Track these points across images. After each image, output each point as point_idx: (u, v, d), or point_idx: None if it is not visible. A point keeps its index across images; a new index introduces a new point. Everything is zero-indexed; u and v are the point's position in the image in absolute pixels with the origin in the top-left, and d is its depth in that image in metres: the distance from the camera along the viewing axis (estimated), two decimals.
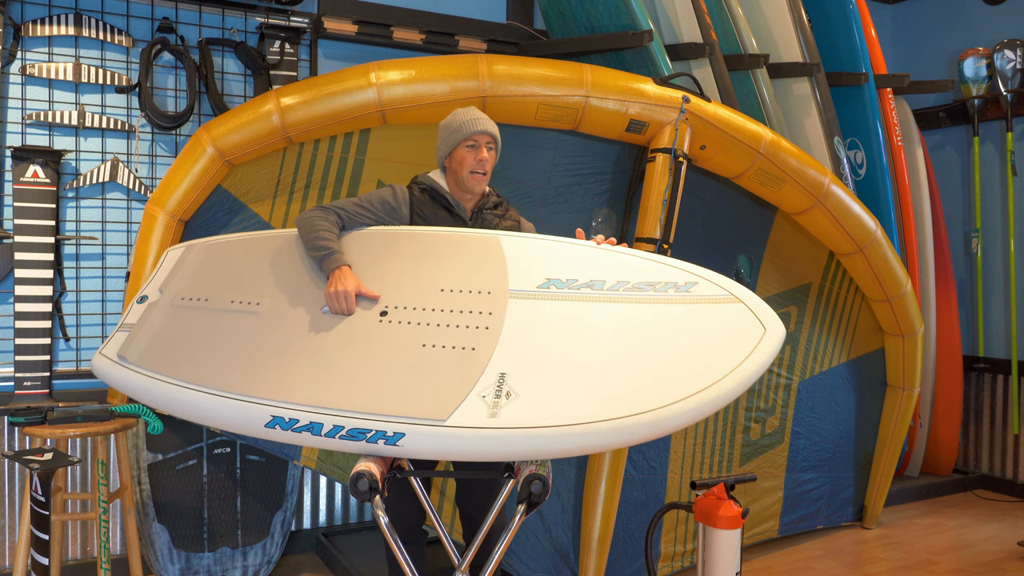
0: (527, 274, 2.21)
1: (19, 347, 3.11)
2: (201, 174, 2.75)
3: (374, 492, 1.94)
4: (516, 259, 2.26)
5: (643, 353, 1.98)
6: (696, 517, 2.60)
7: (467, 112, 2.56)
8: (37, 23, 3.18)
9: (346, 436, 1.89)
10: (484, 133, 2.51)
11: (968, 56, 4.97)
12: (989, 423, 5.06)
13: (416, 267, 2.28)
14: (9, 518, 3.18)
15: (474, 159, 2.50)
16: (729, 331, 2.00)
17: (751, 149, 3.23)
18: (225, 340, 2.15)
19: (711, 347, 1.98)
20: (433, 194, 2.56)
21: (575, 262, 2.25)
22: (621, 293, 2.14)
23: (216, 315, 2.25)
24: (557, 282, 2.19)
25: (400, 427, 1.87)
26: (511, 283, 2.19)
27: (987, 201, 5.06)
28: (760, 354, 1.94)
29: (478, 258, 2.28)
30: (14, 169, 3.09)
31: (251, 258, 2.40)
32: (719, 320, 2.04)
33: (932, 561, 3.78)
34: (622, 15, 3.50)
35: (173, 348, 2.17)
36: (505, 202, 2.70)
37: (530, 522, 3.15)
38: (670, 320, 2.05)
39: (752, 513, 3.78)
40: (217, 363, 2.10)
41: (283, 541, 3.35)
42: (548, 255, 2.28)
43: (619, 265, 2.22)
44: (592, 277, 2.19)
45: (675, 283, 2.14)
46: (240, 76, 3.54)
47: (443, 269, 2.26)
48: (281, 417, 1.93)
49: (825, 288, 3.94)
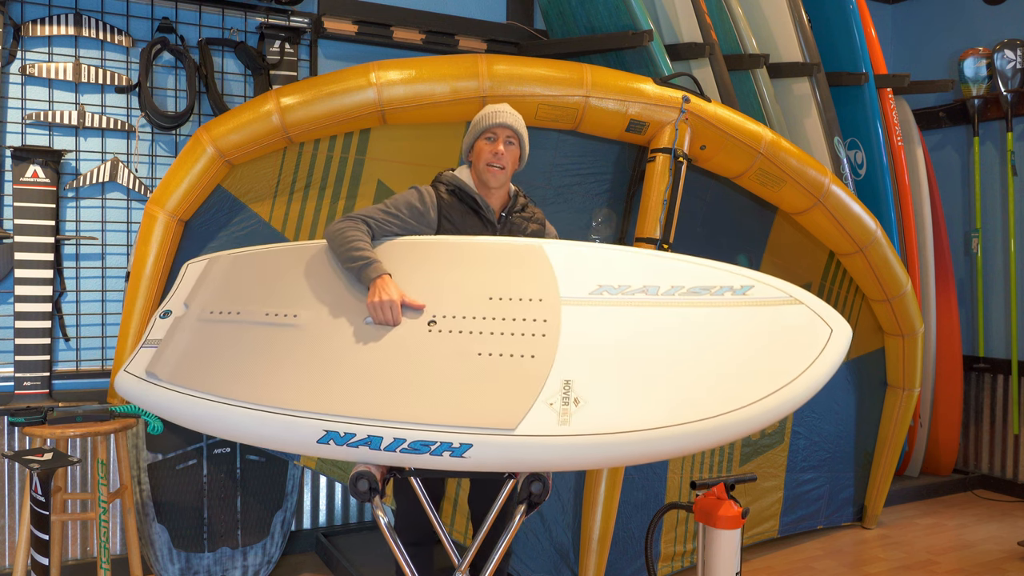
0: (577, 281, 2.16)
1: (19, 347, 3.11)
2: (201, 174, 2.75)
3: (374, 492, 1.94)
4: (563, 266, 2.20)
5: (709, 356, 1.93)
6: (696, 517, 2.59)
7: (493, 106, 2.55)
8: (37, 23, 3.18)
9: (408, 449, 1.80)
10: (502, 126, 2.48)
11: (968, 56, 4.97)
12: (989, 423, 5.06)
13: (459, 276, 2.22)
14: (9, 518, 3.18)
15: (490, 151, 2.47)
16: (795, 332, 1.96)
17: (751, 149, 3.23)
18: (264, 354, 2.07)
19: (778, 348, 1.93)
20: (461, 195, 2.52)
21: (624, 268, 2.19)
22: (677, 298, 2.08)
23: (251, 328, 2.16)
24: (610, 288, 2.14)
25: (467, 437, 1.79)
26: (562, 290, 2.13)
27: (987, 201, 5.06)
28: (830, 354, 1.90)
29: (523, 267, 2.22)
30: (14, 169, 3.09)
31: (281, 270, 2.32)
32: (783, 322, 1.99)
33: (932, 561, 3.78)
34: (622, 15, 3.50)
35: (208, 363, 2.08)
36: (531, 203, 2.67)
37: (530, 522, 3.15)
38: (732, 323, 2.01)
39: (752, 513, 3.78)
40: (259, 378, 2.00)
41: (283, 541, 3.35)
42: (595, 261, 2.23)
43: (670, 270, 2.17)
44: (645, 282, 2.14)
45: (731, 287, 2.09)
46: (240, 76, 3.54)
47: (488, 277, 2.19)
48: (335, 432, 1.84)
49: (825, 288, 3.94)
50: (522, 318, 2.06)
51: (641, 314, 2.06)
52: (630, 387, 1.89)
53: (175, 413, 2.02)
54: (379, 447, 1.82)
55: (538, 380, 1.91)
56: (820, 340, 1.92)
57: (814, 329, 1.95)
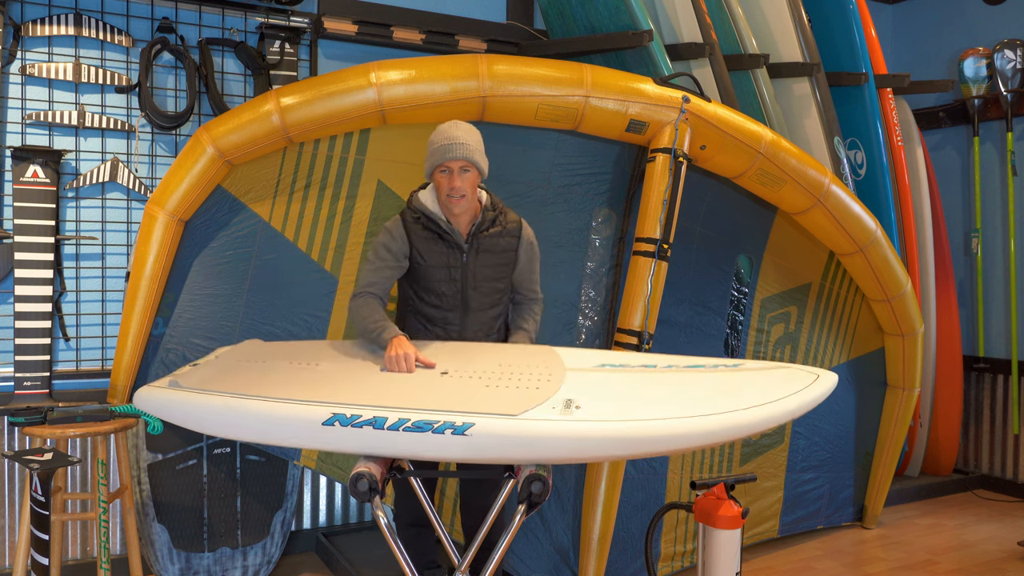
0: (582, 361, 2.38)
1: (19, 347, 3.11)
2: (201, 174, 2.75)
3: (374, 492, 1.95)
4: (568, 355, 2.44)
5: (705, 394, 2.08)
6: (696, 517, 2.59)
7: (445, 132, 2.57)
8: (37, 23, 3.18)
9: (411, 428, 1.90)
10: (455, 159, 2.52)
11: (968, 56, 4.97)
12: (989, 423, 5.06)
13: (472, 353, 2.45)
14: (9, 518, 3.18)
15: (447, 185, 2.54)
16: (784, 379, 2.17)
17: (751, 149, 3.22)
18: (285, 378, 2.25)
19: (769, 384, 2.13)
20: (426, 222, 2.61)
21: (625, 357, 2.44)
22: (674, 371, 2.29)
23: (274, 368, 2.36)
24: (611, 364, 2.36)
25: (470, 418, 1.90)
26: (567, 364, 2.32)
27: (987, 201, 5.06)
28: (821, 384, 2.11)
29: (533, 353, 2.46)
30: (14, 169, 3.08)
31: (306, 345, 2.62)
32: (774, 375, 2.22)
33: (932, 561, 3.78)
34: (622, 15, 3.50)
35: (230, 378, 2.26)
36: (503, 214, 2.70)
37: (530, 522, 3.15)
38: (726, 378, 2.21)
39: (752, 513, 3.78)
40: (275, 385, 2.16)
41: (283, 541, 3.35)
42: (597, 355, 2.48)
43: (666, 359, 2.40)
44: (644, 363, 2.37)
45: (724, 364, 2.33)
46: (240, 76, 3.54)
47: (498, 355, 2.42)
48: (342, 414, 1.94)
49: (825, 288, 3.94)
50: (529, 374, 2.23)
51: (641, 377, 2.26)
52: (631, 407, 2.01)
53: (188, 411, 2.14)
54: (383, 426, 1.91)
55: (544, 396, 2.05)
56: (809, 379, 2.16)
57: (802, 375, 2.19)
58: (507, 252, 2.69)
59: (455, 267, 2.62)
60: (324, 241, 3.07)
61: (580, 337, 3.34)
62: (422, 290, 2.66)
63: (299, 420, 1.97)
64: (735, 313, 3.71)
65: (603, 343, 3.36)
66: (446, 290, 2.63)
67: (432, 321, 2.66)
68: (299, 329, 3.06)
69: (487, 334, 2.71)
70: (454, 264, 2.62)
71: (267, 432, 2.05)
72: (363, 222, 3.10)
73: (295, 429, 1.99)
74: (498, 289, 2.70)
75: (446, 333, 2.65)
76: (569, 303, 3.31)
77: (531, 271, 2.77)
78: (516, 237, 2.70)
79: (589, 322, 3.35)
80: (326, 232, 3.07)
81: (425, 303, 2.66)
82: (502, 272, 2.70)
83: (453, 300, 2.64)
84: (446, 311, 2.64)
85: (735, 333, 3.72)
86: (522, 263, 2.74)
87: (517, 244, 2.70)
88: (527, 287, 2.78)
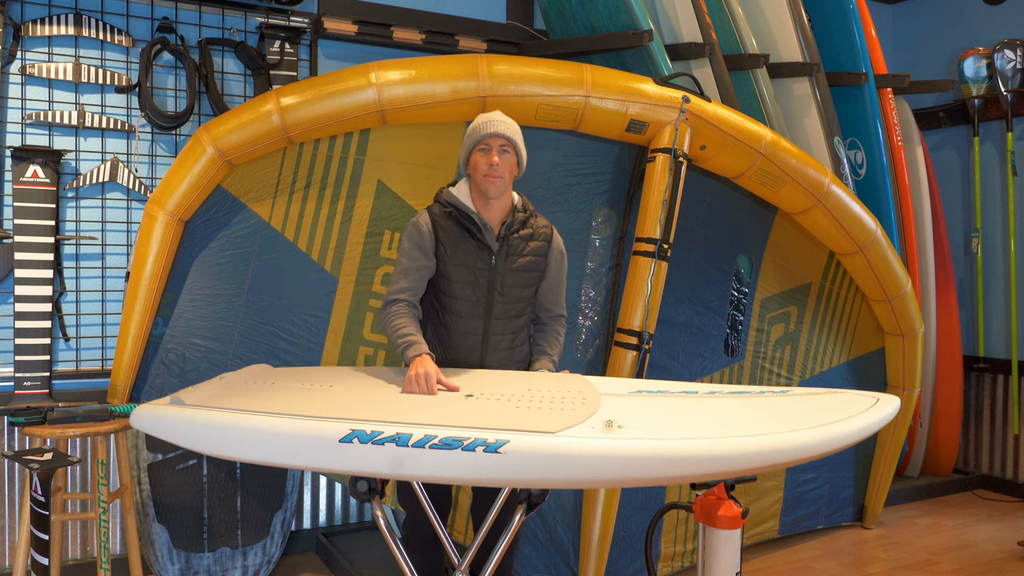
0: (615, 386, 2.25)
1: (19, 347, 3.11)
2: (201, 174, 2.75)
3: (374, 493, 1.94)
4: (601, 381, 2.31)
5: (756, 417, 1.91)
6: (696, 517, 2.59)
7: (484, 115, 2.51)
8: (37, 23, 3.18)
9: (439, 445, 1.71)
10: (494, 136, 2.44)
11: (968, 56, 4.97)
12: (989, 423, 5.06)
13: (496, 380, 2.31)
14: (9, 518, 3.18)
15: (486, 163, 2.43)
16: (840, 402, 2.00)
17: (751, 149, 3.22)
18: (296, 397, 2.09)
19: (824, 406, 1.95)
20: (458, 215, 2.49)
21: (663, 385, 2.28)
22: (718, 396, 2.11)
23: (285, 387, 2.23)
24: (648, 391, 2.20)
25: (504, 435, 1.72)
26: (601, 390, 2.17)
27: (987, 201, 5.06)
28: (880, 410, 1.90)
29: (562, 378, 2.34)
30: (14, 169, 3.08)
31: (318, 370, 2.50)
32: (828, 401, 2.02)
33: (932, 561, 3.78)
34: (622, 15, 3.50)
35: (236, 397, 2.09)
36: (534, 216, 2.60)
37: (530, 522, 3.15)
38: (776, 404, 2.01)
39: (752, 513, 3.78)
40: (286, 403, 2.00)
41: (283, 541, 3.35)
42: (632, 383, 2.32)
43: (707, 386, 2.25)
44: (684, 389, 2.22)
45: (771, 390, 2.18)
46: (240, 76, 3.54)
47: (526, 381, 2.29)
48: (361, 430, 1.75)
49: (825, 288, 3.94)
50: (561, 398, 2.06)
51: (683, 402, 2.08)
52: (678, 425, 1.85)
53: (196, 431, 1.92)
54: (407, 443, 1.72)
55: (583, 416, 1.88)
56: (868, 403, 1.96)
57: (860, 399, 2.00)
58: (537, 258, 2.55)
59: (481, 269, 2.47)
60: (324, 241, 3.07)
61: (580, 337, 3.34)
62: (442, 294, 2.51)
63: (313, 438, 1.77)
64: (735, 313, 3.71)
65: (603, 343, 3.36)
66: (470, 294, 2.47)
67: (450, 330, 2.51)
68: (299, 329, 3.06)
69: (511, 346, 2.55)
70: (480, 266, 2.47)
71: (277, 452, 1.84)
72: (363, 222, 3.09)
73: (309, 448, 1.79)
74: (525, 297, 2.55)
75: (465, 345, 2.50)
76: (569, 303, 3.31)
77: (559, 283, 2.62)
78: (547, 243, 2.57)
79: (589, 322, 3.35)
80: (326, 232, 3.06)
81: (444, 309, 2.51)
82: (531, 279, 2.55)
83: (476, 306, 2.48)
84: (467, 319, 2.49)
85: (735, 333, 3.72)
86: (551, 273, 2.60)
87: (547, 250, 2.57)
88: (553, 301, 2.63)
